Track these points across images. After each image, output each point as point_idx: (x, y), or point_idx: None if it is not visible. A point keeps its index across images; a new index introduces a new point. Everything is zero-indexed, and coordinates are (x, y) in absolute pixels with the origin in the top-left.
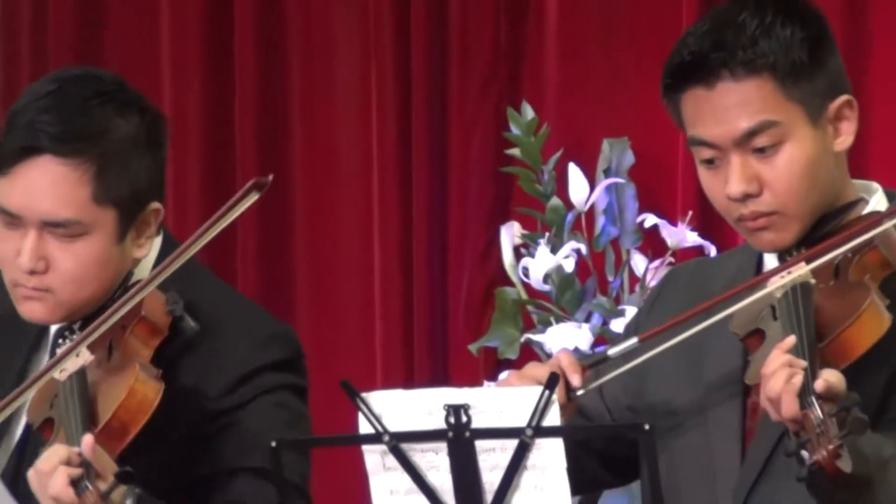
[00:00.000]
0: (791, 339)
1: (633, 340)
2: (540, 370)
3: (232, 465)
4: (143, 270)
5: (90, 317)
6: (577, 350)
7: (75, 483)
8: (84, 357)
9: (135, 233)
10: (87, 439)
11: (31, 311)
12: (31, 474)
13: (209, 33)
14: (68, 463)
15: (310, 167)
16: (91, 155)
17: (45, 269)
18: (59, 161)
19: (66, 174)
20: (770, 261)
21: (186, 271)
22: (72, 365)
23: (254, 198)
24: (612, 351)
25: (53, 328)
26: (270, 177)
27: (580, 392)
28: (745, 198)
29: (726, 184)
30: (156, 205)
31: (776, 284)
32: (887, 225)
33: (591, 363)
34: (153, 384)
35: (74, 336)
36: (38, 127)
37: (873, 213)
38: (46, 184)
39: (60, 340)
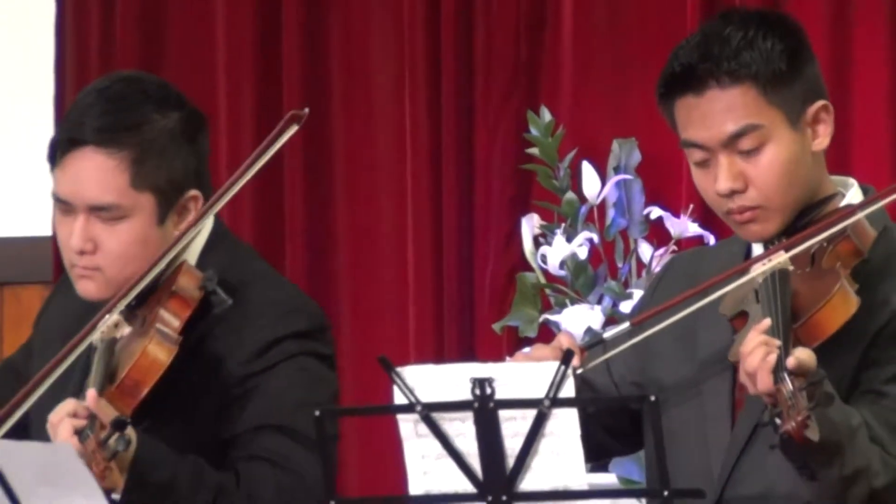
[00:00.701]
0: (767, 322)
1: (626, 325)
2: (544, 351)
3: (256, 422)
4: (193, 254)
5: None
6: (589, 329)
7: (79, 432)
8: (119, 322)
9: (175, 217)
10: (90, 393)
11: (85, 289)
12: (48, 426)
13: (259, 45)
14: (75, 415)
15: (350, 166)
16: (128, 145)
17: (94, 249)
18: (100, 151)
19: (106, 163)
20: (757, 249)
21: (232, 248)
22: (108, 331)
23: (293, 130)
24: (608, 334)
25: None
26: (306, 110)
27: (579, 371)
28: (732, 194)
29: (715, 181)
30: (193, 192)
31: (758, 270)
32: (859, 216)
33: (589, 345)
34: (167, 347)
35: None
36: (83, 121)
37: (847, 206)
38: (90, 172)
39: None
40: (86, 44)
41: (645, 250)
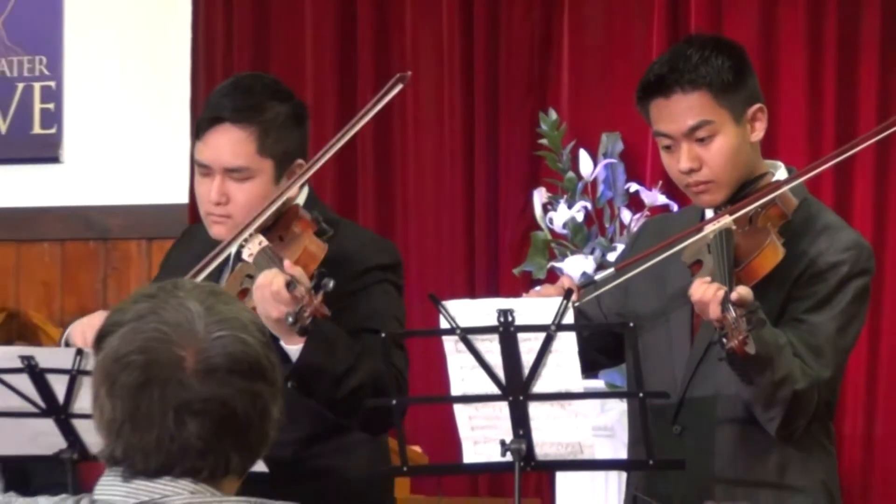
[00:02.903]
0: (710, 275)
1: (612, 270)
2: (551, 290)
3: (354, 327)
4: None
5: (262, 232)
6: (584, 273)
7: (288, 284)
8: (262, 241)
9: (286, 178)
10: (287, 263)
11: (217, 232)
12: (255, 290)
13: (339, 50)
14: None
15: (407, 152)
16: (255, 123)
17: (227, 201)
18: (234, 127)
19: (239, 135)
20: (709, 214)
21: (322, 207)
22: (255, 245)
23: (398, 88)
24: (598, 277)
25: (233, 251)
26: (409, 73)
27: (577, 304)
28: (691, 172)
29: (678, 162)
30: (300, 161)
31: (710, 229)
32: (784, 189)
33: (584, 285)
34: (319, 244)
35: (250, 242)
36: (221, 104)
37: (776, 181)
38: (226, 142)
39: (244, 246)
40: (212, 45)
41: (625, 215)
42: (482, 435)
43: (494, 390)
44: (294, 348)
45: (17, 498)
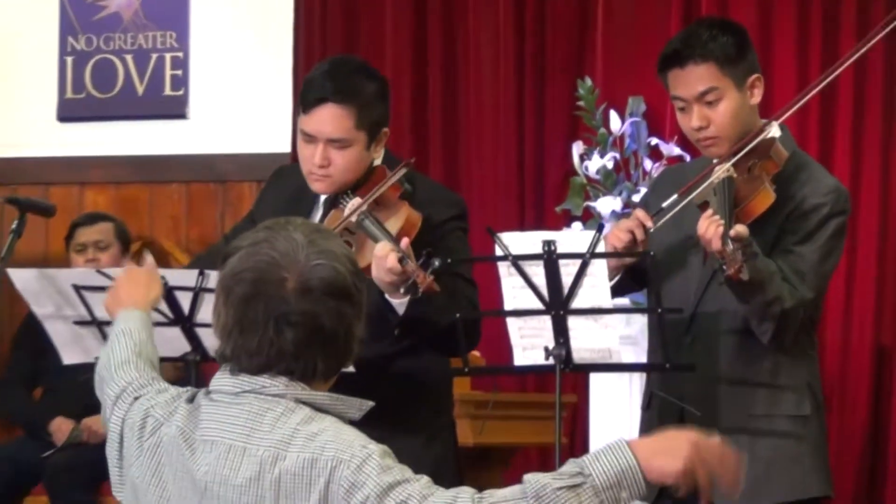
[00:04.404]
0: (712, 212)
1: (675, 197)
2: (627, 222)
3: (443, 270)
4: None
5: (353, 188)
6: (613, 212)
7: (400, 260)
8: (356, 202)
9: (374, 145)
10: (405, 241)
11: (319, 188)
12: (374, 258)
13: (413, 40)
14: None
15: (470, 111)
16: (353, 102)
17: (328, 164)
18: (336, 105)
19: (341, 113)
20: (716, 163)
21: (395, 159)
22: (353, 208)
23: (403, 171)
24: (665, 204)
25: (322, 197)
26: (413, 159)
27: (652, 229)
28: (700, 129)
29: (690, 121)
30: (385, 130)
31: (716, 176)
32: (765, 134)
33: (655, 214)
34: (415, 212)
35: (347, 199)
36: (324, 86)
37: (769, 138)
38: (329, 118)
39: (341, 201)
40: (310, 24)
41: (647, 164)
42: (529, 342)
43: (539, 306)
44: (398, 302)
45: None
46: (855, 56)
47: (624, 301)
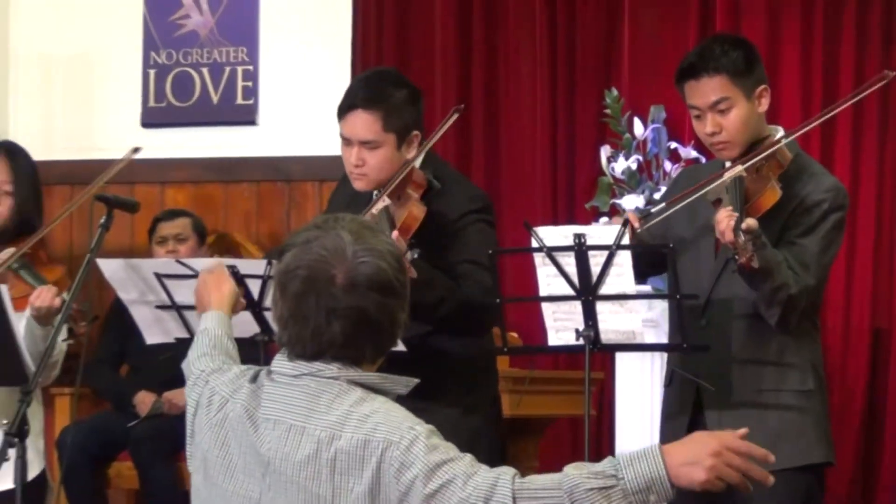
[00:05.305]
0: (730, 209)
1: (663, 205)
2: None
3: (457, 258)
4: (417, 164)
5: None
6: (637, 208)
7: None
8: (386, 201)
9: (405, 146)
10: (395, 234)
11: (358, 185)
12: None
13: (459, 48)
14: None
15: (510, 118)
16: (380, 108)
17: (363, 164)
18: (365, 111)
19: (369, 118)
20: (728, 164)
21: (438, 162)
22: (380, 204)
23: (454, 117)
24: (654, 210)
25: (374, 193)
26: (463, 105)
27: (639, 230)
28: (713, 134)
29: (704, 127)
30: (416, 132)
31: (728, 176)
32: (779, 145)
33: (644, 216)
34: (421, 207)
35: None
36: (356, 94)
37: (775, 139)
38: (360, 123)
39: (375, 194)
40: (367, 39)
41: (667, 165)
42: (562, 325)
43: (571, 292)
44: None
45: (234, 366)
46: (854, 99)
47: (646, 288)
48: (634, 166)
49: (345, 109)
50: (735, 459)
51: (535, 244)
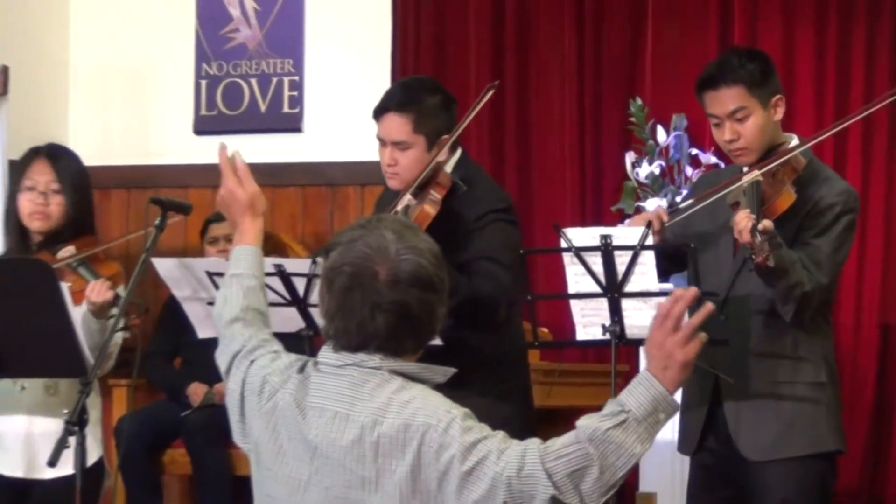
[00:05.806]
0: (748, 211)
1: (690, 202)
2: (638, 220)
3: (476, 255)
4: (449, 166)
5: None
6: (659, 207)
7: None
8: (409, 199)
9: (435, 149)
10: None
11: (392, 184)
12: None
13: (491, 55)
14: None
15: (540, 126)
16: (412, 111)
17: (396, 163)
18: (396, 114)
19: (401, 119)
20: (745, 169)
21: (469, 163)
22: (404, 202)
23: (490, 94)
24: (682, 205)
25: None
26: (497, 81)
27: (667, 224)
28: (732, 141)
29: (723, 135)
30: (446, 136)
31: (745, 180)
32: (794, 153)
33: (671, 213)
34: (434, 205)
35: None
36: (390, 98)
37: (790, 147)
38: (392, 125)
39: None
40: (405, 51)
41: (688, 170)
42: (589, 321)
43: (598, 290)
44: None
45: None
46: (866, 112)
47: (669, 286)
48: (657, 171)
49: (380, 112)
50: (675, 333)
51: (563, 245)
